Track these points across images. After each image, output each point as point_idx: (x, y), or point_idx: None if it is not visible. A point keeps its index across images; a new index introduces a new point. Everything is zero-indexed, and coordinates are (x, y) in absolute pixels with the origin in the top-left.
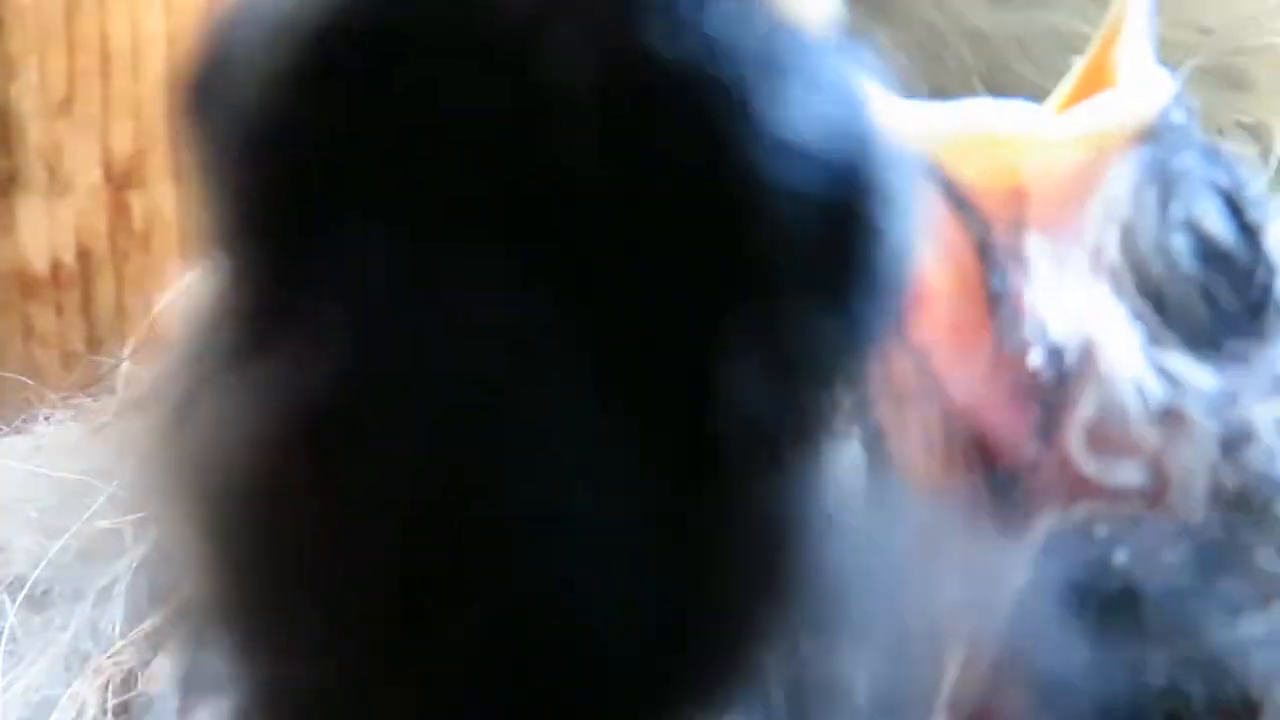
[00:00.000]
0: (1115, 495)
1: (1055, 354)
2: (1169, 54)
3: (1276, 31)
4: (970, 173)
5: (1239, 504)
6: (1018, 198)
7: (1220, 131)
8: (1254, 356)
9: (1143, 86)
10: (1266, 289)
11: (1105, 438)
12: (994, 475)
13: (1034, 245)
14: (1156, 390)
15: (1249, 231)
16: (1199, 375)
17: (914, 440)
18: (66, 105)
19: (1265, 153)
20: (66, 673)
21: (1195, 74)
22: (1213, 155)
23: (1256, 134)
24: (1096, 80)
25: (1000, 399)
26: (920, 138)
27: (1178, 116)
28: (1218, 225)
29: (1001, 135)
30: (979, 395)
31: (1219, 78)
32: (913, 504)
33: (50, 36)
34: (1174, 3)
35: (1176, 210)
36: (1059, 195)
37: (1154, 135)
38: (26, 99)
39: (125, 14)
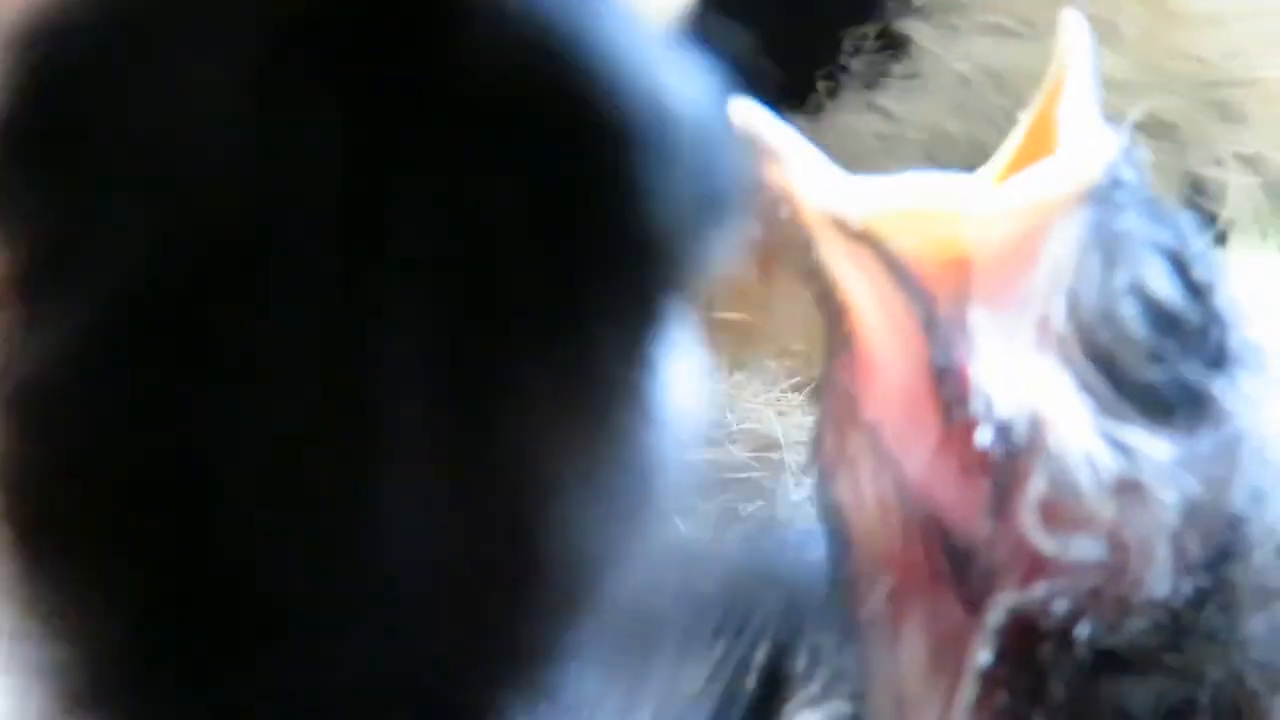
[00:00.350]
0: (1074, 570)
1: (1003, 430)
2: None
3: (1267, 66)
4: (912, 246)
5: (1205, 569)
6: (961, 269)
7: (1219, 163)
8: (1213, 418)
9: (1084, 147)
10: (1221, 347)
11: (1059, 513)
12: (951, 551)
13: (978, 317)
14: (1109, 462)
15: (1197, 291)
16: (1153, 444)
17: (870, 515)
18: None
19: (1266, 185)
20: None
21: (1194, 106)
22: (1158, 213)
23: (1254, 165)
24: (1040, 141)
25: (951, 475)
26: (863, 213)
27: (1126, 173)
28: (1164, 287)
29: (943, 208)
30: (930, 471)
31: (1217, 110)
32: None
33: None
34: (1169, 34)
35: (1122, 275)
36: (1002, 265)
37: (1097, 197)
38: None
39: None
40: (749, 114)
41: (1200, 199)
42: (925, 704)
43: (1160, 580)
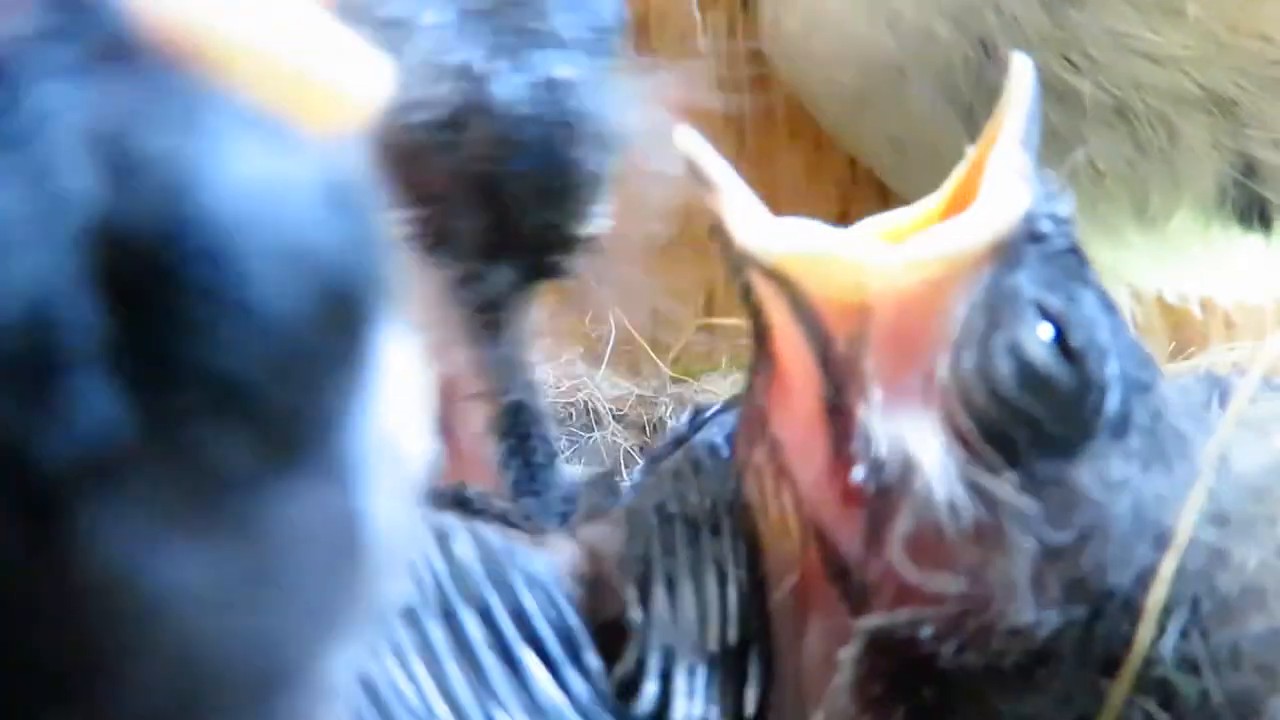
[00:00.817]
0: (937, 600)
1: (876, 469)
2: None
3: None
4: (817, 288)
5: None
6: (861, 315)
7: (1277, 144)
8: (1080, 478)
9: (996, 204)
10: (1097, 410)
11: (923, 550)
12: (835, 564)
13: (871, 362)
14: (971, 509)
15: (1072, 357)
16: (1017, 496)
17: (774, 519)
18: None
19: None
20: None
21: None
22: (1064, 270)
23: None
24: (968, 193)
25: (835, 501)
26: (776, 252)
27: (1042, 227)
28: (1039, 352)
29: (851, 256)
30: (818, 493)
31: (1277, 89)
32: None
33: None
34: (1235, 10)
35: (1002, 335)
36: (899, 316)
37: (1000, 255)
38: None
39: None
40: (690, 144)
41: (1250, 180)
42: (819, 688)
43: (1023, 613)
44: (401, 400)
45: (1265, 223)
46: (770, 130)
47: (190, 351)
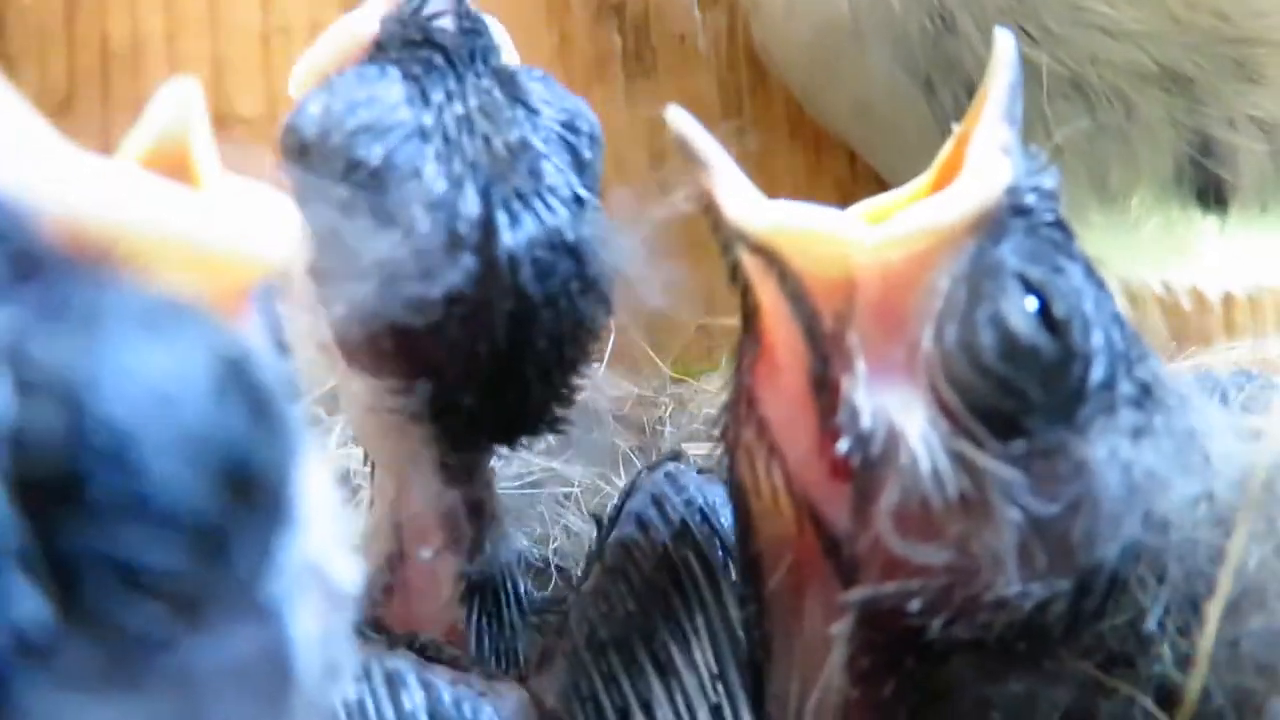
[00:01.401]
0: (925, 572)
1: (862, 442)
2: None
3: None
4: (804, 264)
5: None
6: (846, 291)
7: (1232, 124)
8: (1065, 448)
9: (979, 180)
10: (1082, 380)
11: (910, 522)
12: (827, 538)
13: (856, 337)
14: (955, 481)
15: (1056, 328)
16: (1001, 467)
17: (766, 498)
18: (66, 105)
19: (1274, 153)
20: None
21: (1211, 62)
22: (1048, 242)
23: (1267, 131)
24: (954, 170)
25: (823, 475)
26: (764, 227)
27: (1026, 200)
28: (1021, 323)
29: (836, 232)
30: (807, 468)
31: (1233, 68)
32: None
33: (50, 36)
34: None
35: (984, 308)
36: (884, 291)
37: (983, 229)
38: (26, 99)
39: (125, 14)
40: (683, 123)
41: (1207, 160)
42: (817, 668)
43: (1009, 585)
44: (326, 526)
45: (1222, 203)
46: (770, 130)
47: (98, 546)
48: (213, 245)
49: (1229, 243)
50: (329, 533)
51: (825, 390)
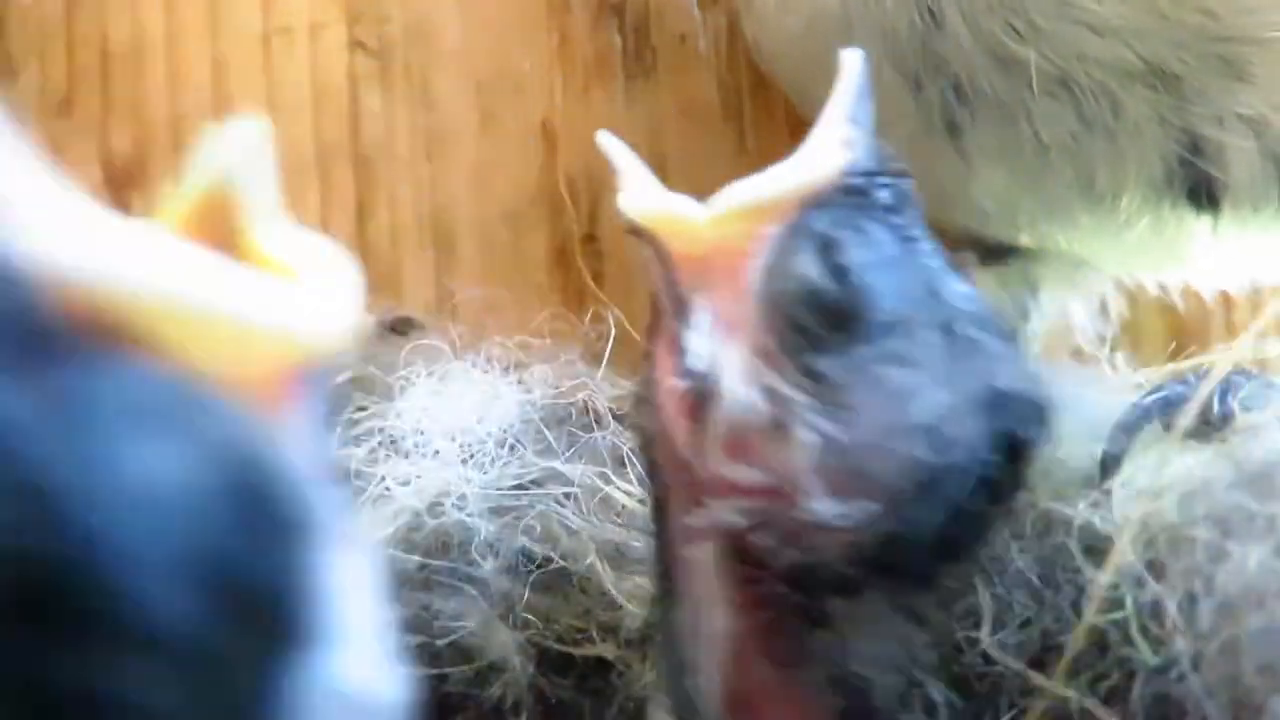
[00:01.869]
0: (750, 492)
1: (694, 378)
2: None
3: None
4: (668, 240)
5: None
6: (701, 263)
7: (1221, 122)
8: (852, 374)
9: (808, 163)
10: (860, 318)
11: (733, 447)
12: (683, 471)
13: (701, 299)
14: (764, 409)
15: (838, 271)
16: (799, 395)
17: (661, 440)
18: (66, 105)
19: (1264, 151)
20: None
21: (1199, 60)
22: (856, 214)
23: (1256, 129)
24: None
25: (675, 409)
26: (642, 214)
27: (859, 184)
28: (810, 270)
29: (694, 213)
30: (670, 410)
31: (1221, 66)
32: None
33: (50, 36)
34: None
35: (788, 261)
36: (725, 259)
37: (810, 202)
38: (26, 99)
39: (125, 14)
40: (604, 141)
41: (1197, 159)
42: (713, 606)
43: (814, 503)
44: (363, 638)
45: (1214, 203)
46: (770, 130)
47: (77, 677)
48: (251, 321)
49: (1223, 243)
50: (367, 647)
51: (676, 346)
